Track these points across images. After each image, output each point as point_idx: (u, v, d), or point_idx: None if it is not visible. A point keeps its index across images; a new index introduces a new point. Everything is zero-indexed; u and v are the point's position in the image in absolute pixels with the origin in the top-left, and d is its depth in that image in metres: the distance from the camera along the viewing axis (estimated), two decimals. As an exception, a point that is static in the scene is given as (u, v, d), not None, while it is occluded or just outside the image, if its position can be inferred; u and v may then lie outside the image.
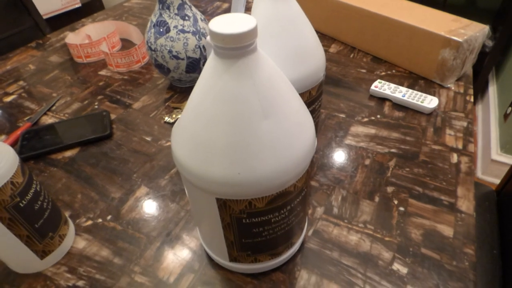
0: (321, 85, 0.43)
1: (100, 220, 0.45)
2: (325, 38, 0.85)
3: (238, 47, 0.23)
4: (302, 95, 0.40)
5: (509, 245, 0.66)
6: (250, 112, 0.25)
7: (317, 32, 0.87)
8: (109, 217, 0.45)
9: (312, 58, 0.40)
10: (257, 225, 0.31)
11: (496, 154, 1.37)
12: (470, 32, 0.62)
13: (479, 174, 1.44)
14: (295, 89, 0.39)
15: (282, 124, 0.26)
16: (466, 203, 0.45)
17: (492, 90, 1.72)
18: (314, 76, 0.40)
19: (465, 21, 0.67)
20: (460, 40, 0.60)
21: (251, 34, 0.23)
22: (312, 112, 0.44)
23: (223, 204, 0.28)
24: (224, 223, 0.31)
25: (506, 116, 1.41)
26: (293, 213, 0.32)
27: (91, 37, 0.81)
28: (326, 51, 0.80)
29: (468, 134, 0.55)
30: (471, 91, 0.64)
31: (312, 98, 0.42)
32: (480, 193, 0.78)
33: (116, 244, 0.42)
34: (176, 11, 0.59)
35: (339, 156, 0.53)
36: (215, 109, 0.25)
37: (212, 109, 0.25)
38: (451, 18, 0.68)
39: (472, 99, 0.63)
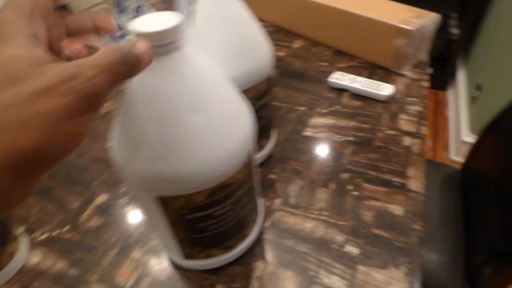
0: (270, 80, 0.44)
1: (56, 232, 0.45)
2: (289, 34, 0.86)
3: (161, 45, 0.24)
4: (249, 90, 0.41)
5: (472, 219, 0.69)
6: (178, 108, 0.26)
7: (282, 28, 0.89)
8: (66, 228, 0.46)
9: (257, 53, 0.41)
10: (201, 219, 0.31)
11: (466, 136, 1.41)
12: (421, 21, 0.64)
13: (452, 156, 1.49)
14: (241, 84, 0.40)
15: (213, 118, 0.27)
16: (416, 183, 0.47)
17: (461, 75, 1.77)
18: (260, 71, 0.41)
19: (417, 10, 0.69)
20: (412, 28, 0.62)
21: (173, 31, 0.24)
22: (262, 107, 0.45)
23: (164, 202, 0.29)
24: (169, 221, 0.32)
25: (474, 99, 1.46)
26: (238, 205, 0.33)
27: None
28: (289, 46, 0.81)
29: (422, 117, 0.57)
30: (425, 77, 0.67)
31: (260, 92, 0.43)
32: (446, 173, 0.81)
33: (72, 255, 0.42)
34: (134, 14, 0.59)
35: (298, 148, 0.54)
36: (143, 107, 0.26)
37: (140, 107, 0.26)
38: (405, 9, 0.70)
39: (426, 85, 0.65)
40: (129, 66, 0.19)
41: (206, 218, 0.31)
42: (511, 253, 0.49)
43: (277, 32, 0.87)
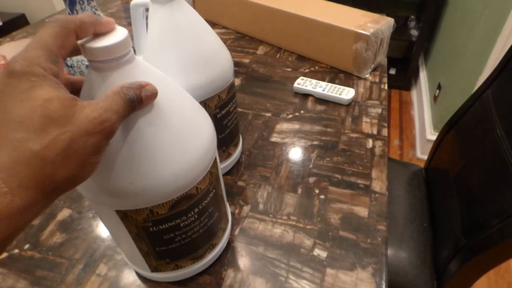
0: (232, 88, 0.44)
1: (16, 250, 0.43)
2: (253, 41, 0.87)
3: (109, 60, 0.24)
4: (211, 99, 0.41)
5: (437, 216, 0.72)
6: (134, 121, 0.25)
7: (245, 35, 0.90)
8: (26, 246, 0.44)
9: (216, 62, 0.41)
10: (167, 231, 0.31)
11: (430, 134, 1.48)
12: (377, 25, 0.67)
13: (419, 154, 1.55)
14: (202, 94, 0.40)
15: (170, 130, 0.27)
16: (379, 184, 0.48)
17: (423, 75, 1.85)
18: (220, 80, 0.41)
19: (373, 15, 0.72)
20: (368, 33, 0.65)
21: (122, 45, 0.24)
22: (226, 115, 0.45)
23: (125, 216, 0.29)
24: (132, 234, 0.31)
25: (435, 98, 1.53)
26: (204, 215, 0.33)
27: (6, 57, 0.77)
28: (254, 53, 0.82)
29: (382, 119, 0.59)
30: (385, 80, 0.69)
31: (223, 101, 0.43)
32: (410, 172, 0.84)
33: (34, 274, 0.40)
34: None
35: (265, 154, 0.54)
36: None
37: None
38: (362, 14, 0.73)
39: (386, 87, 0.67)
40: (133, 108, 0.24)
41: (171, 229, 0.31)
42: (473, 247, 0.51)
43: (241, 39, 0.88)
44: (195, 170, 0.29)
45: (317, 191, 0.48)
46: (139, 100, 0.24)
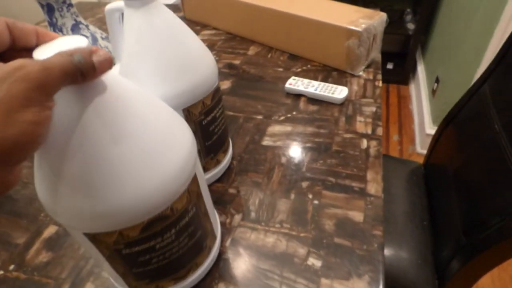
0: (217, 92, 0.43)
1: (1, 272, 0.41)
2: (244, 41, 0.85)
3: None
4: (195, 105, 0.39)
5: (437, 214, 0.70)
6: (96, 140, 0.23)
7: (235, 35, 0.88)
8: (11, 267, 0.42)
9: (198, 67, 0.39)
10: (141, 254, 0.29)
11: (430, 128, 1.46)
12: (369, 21, 0.65)
13: (418, 149, 1.53)
14: (185, 101, 0.38)
15: (138, 147, 0.25)
16: (375, 186, 0.46)
17: (421, 69, 1.83)
18: (204, 86, 0.40)
19: (365, 11, 0.70)
20: (359, 29, 0.63)
21: None
22: (213, 121, 0.43)
23: (93, 238, 0.27)
24: (105, 256, 0.29)
25: (434, 92, 1.51)
26: (183, 235, 0.31)
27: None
28: (244, 54, 0.80)
29: (377, 118, 0.58)
30: (379, 77, 0.67)
31: (208, 107, 0.41)
32: (409, 169, 0.83)
33: (19, 294, 0.39)
34: (70, 33, 0.56)
35: (256, 159, 0.53)
36: (59, 139, 0.23)
37: (57, 140, 0.23)
38: (354, 9, 0.71)
39: (380, 84, 0.66)
40: (80, 72, 0.20)
41: (146, 251, 0.29)
42: (474, 247, 0.49)
43: (232, 40, 0.86)
44: (169, 190, 0.27)
45: (310, 196, 0.46)
46: (90, 67, 0.20)
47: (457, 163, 0.62)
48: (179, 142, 0.28)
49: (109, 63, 0.22)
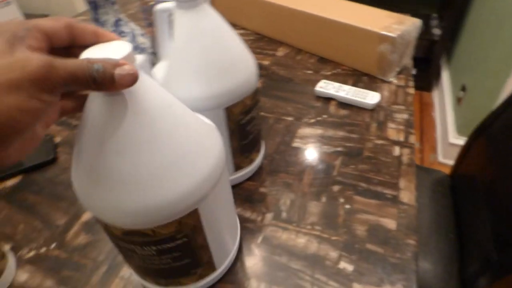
0: (256, 93, 0.43)
1: (43, 249, 0.44)
2: (272, 42, 0.86)
3: None
4: (236, 105, 0.40)
5: (465, 227, 0.69)
6: (134, 142, 0.24)
7: (265, 36, 0.88)
8: (53, 246, 0.44)
9: (241, 68, 0.40)
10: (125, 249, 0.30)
11: (454, 137, 1.43)
12: (403, 27, 0.64)
13: (440, 158, 1.50)
14: (226, 100, 0.39)
15: (168, 154, 0.26)
16: (408, 195, 0.46)
17: (446, 76, 1.80)
18: (245, 86, 0.40)
19: (398, 16, 0.69)
20: (394, 35, 0.62)
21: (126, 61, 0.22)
22: (250, 121, 0.44)
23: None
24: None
25: (459, 100, 1.48)
26: (165, 255, 0.30)
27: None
28: (273, 55, 0.81)
29: (409, 126, 0.57)
30: (411, 83, 0.67)
31: (247, 107, 0.42)
32: (435, 179, 0.82)
33: (60, 273, 0.41)
34: (112, 29, 0.57)
35: (287, 160, 0.53)
36: (99, 138, 0.24)
37: (96, 140, 0.24)
38: (386, 15, 0.70)
39: (412, 91, 0.65)
40: (93, 80, 0.21)
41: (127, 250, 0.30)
42: (505, 264, 0.48)
43: (260, 40, 0.87)
44: (149, 214, 0.26)
45: (342, 200, 0.46)
46: (107, 78, 0.21)
47: (489, 176, 0.61)
48: (209, 147, 0.29)
49: (132, 78, 0.22)
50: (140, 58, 0.26)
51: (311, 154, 0.54)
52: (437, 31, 1.78)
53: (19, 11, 1.62)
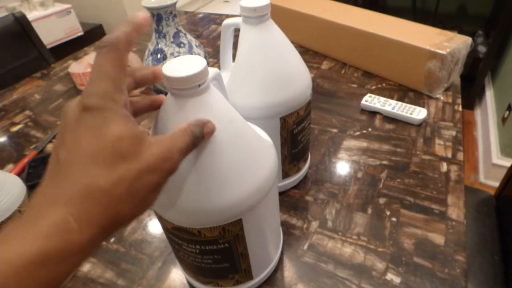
0: (309, 104, 0.45)
1: (104, 243, 0.47)
2: (317, 55, 0.88)
3: (188, 88, 0.25)
4: (291, 115, 0.42)
5: (509, 249, 0.67)
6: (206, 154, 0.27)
7: (310, 50, 0.91)
8: (112, 240, 0.47)
9: (298, 80, 0.42)
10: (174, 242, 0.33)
11: (497, 158, 1.37)
12: (453, 44, 0.64)
13: (482, 178, 1.44)
14: (283, 110, 0.41)
15: (243, 155, 0.28)
16: (456, 211, 0.46)
17: (489, 95, 1.73)
18: (300, 97, 0.42)
19: (449, 34, 0.69)
20: (444, 53, 0.62)
21: (195, 77, 0.24)
22: (301, 131, 0.46)
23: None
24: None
25: (504, 119, 1.43)
26: (206, 255, 0.33)
27: (93, 66, 0.84)
28: (318, 68, 0.83)
29: (457, 143, 0.57)
30: (459, 101, 0.66)
31: (300, 117, 0.44)
32: (479, 199, 0.79)
33: (119, 266, 0.44)
34: (172, 39, 0.62)
35: (332, 171, 0.54)
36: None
37: None
38: (435, 32, 0.70)
39: (460, 108, 0.64)
40: (196, 145, 0.25)
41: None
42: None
43: (305, 53, 0.89)
44: (195, 216, 0.29)
45: (388, 213, 0.47)
46: (201, 136, 0.25)
47: (541, 198, 0.59)
48: (266, 153, 0.31)
49: (212, 133, 0.26)
50: (213, 71, 0.29)
51: (356, 166, 0.55)
52: (482, 49, 1.73)
53: (77, 20, 1.75)
